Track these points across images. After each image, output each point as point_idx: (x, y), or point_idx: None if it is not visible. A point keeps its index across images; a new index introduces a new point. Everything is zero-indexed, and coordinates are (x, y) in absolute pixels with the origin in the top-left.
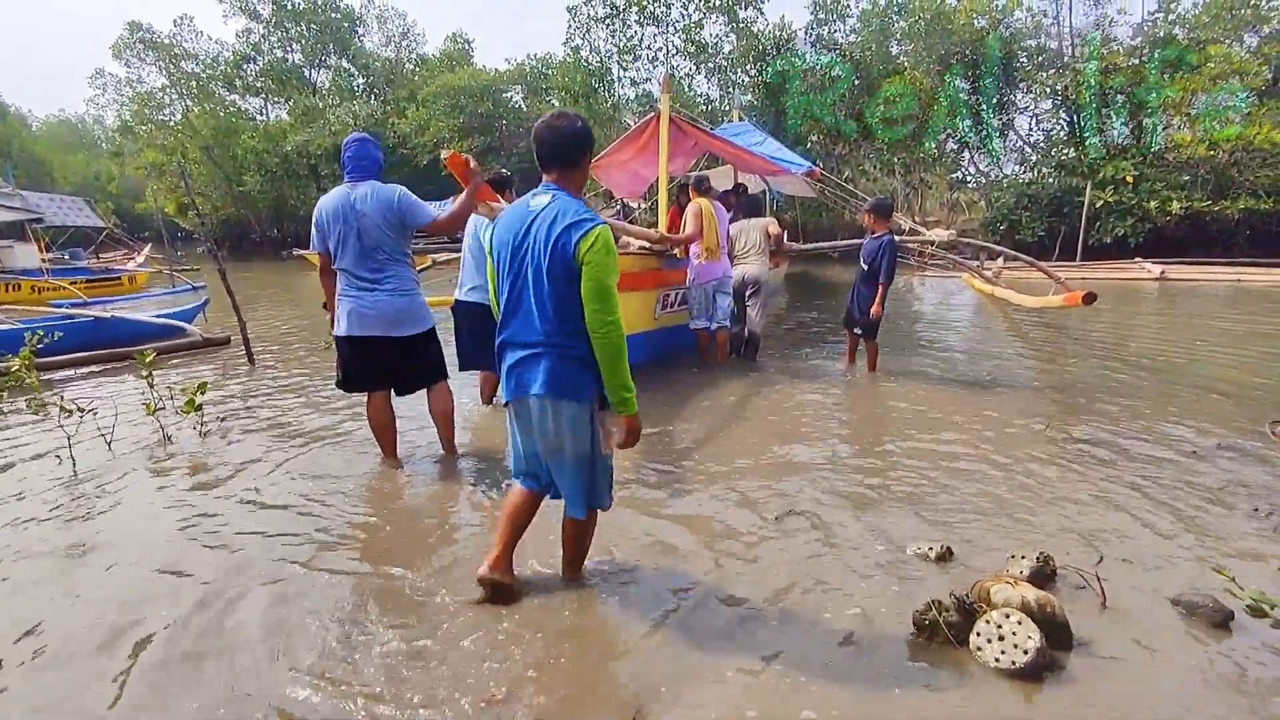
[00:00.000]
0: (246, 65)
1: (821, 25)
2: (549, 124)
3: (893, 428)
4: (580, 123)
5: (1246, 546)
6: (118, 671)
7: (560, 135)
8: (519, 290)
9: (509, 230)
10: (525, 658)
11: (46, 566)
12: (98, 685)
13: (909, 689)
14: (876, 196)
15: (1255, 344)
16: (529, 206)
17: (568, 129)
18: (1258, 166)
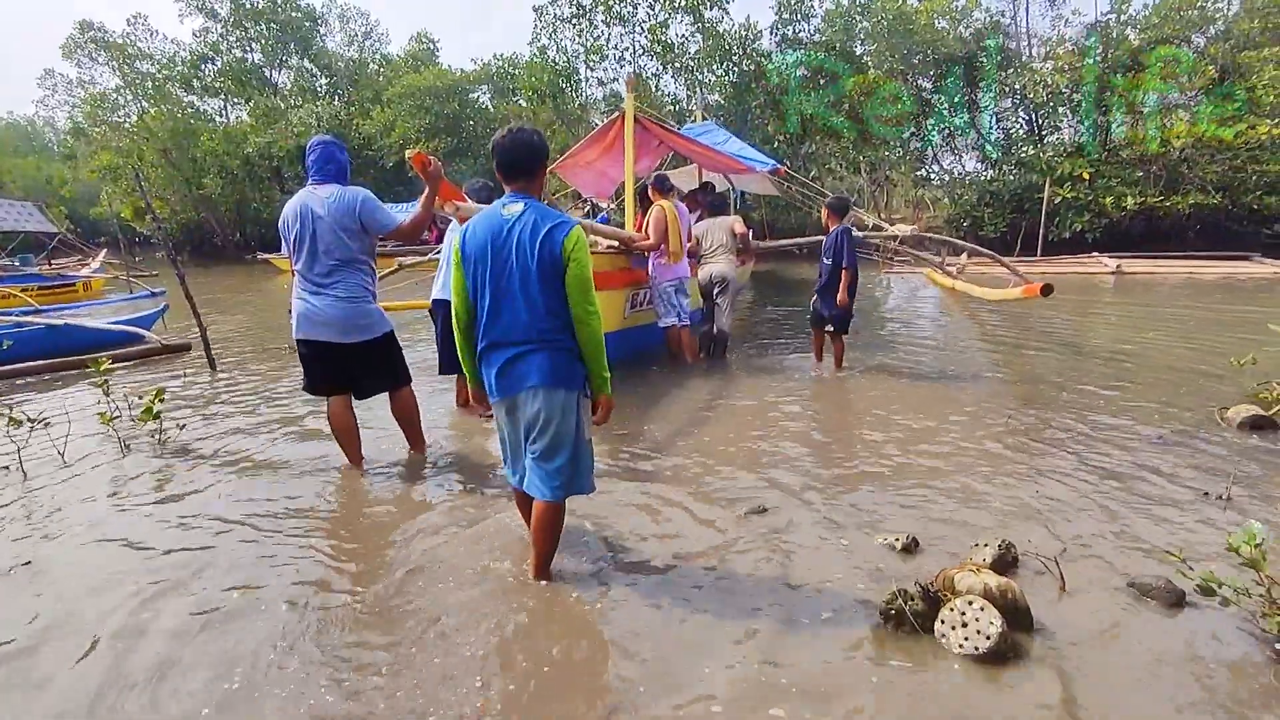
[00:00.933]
0: (204, 65)
1: (786, 25)
2: (510, 137)
3: (859, 422)
4: (537, 135)
5: (1198, 528)
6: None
7: (522, 147)
8: (503, 294)
9: (485, 237)
10: (495, 658)
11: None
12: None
13: (876, 678)
14: (835, 194)
15: (1205, 334)
16: (502, 215)
17: (528, 141)
18: (1206, 162)
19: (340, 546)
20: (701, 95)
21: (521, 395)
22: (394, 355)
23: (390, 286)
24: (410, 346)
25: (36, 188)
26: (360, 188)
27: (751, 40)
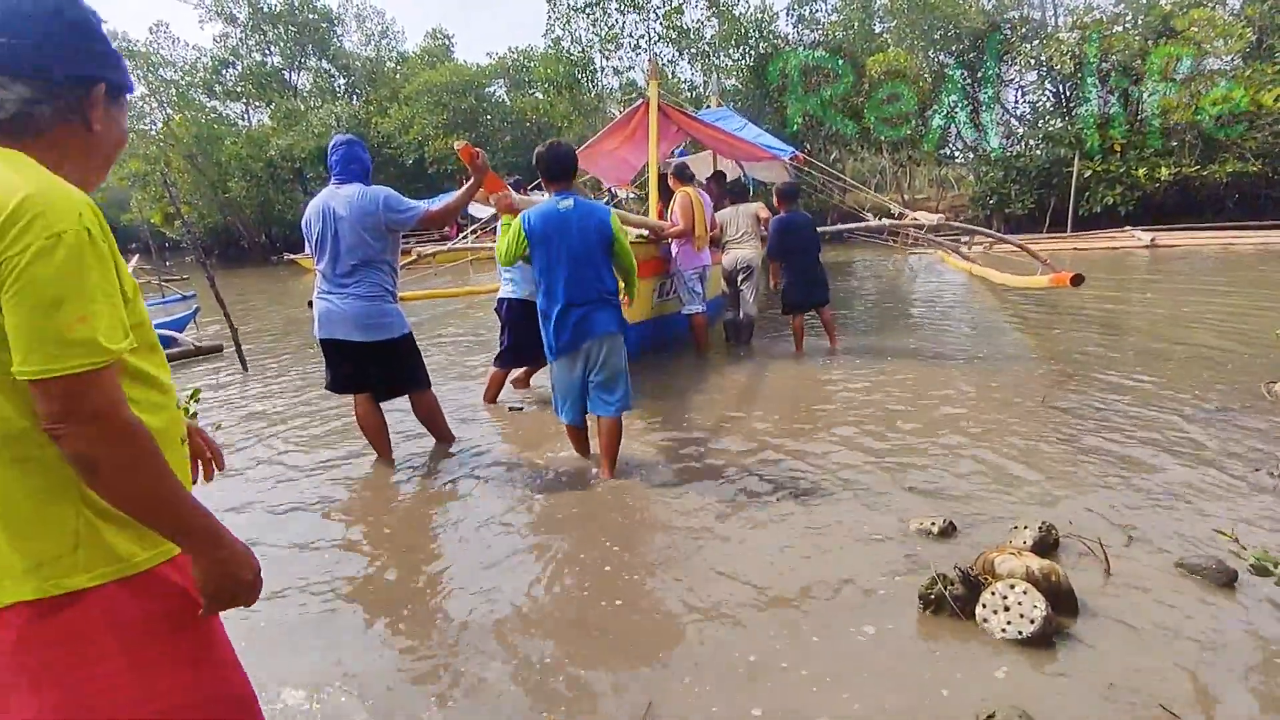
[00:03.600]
0: (225, 70)
1: (802, 5)
2: (551, 150)
3: (889, 405)
4: (568, 146)
5: (1249, 507)
6: None
7: (563, 157)
8: (572, 267)
9: (549, 225)
10: (529, 655)
11: None
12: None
13: (917, 665)
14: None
15: (1245, 306)
16: (559, 209)
17: (567, 152)
18: (1244, 129)
19: (380, 534)
20: (718, 80)
21: (593, 341)
22: (413, 358)
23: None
24: (437, 345)
25: None
26: (382, 186)
27: (767, 23)
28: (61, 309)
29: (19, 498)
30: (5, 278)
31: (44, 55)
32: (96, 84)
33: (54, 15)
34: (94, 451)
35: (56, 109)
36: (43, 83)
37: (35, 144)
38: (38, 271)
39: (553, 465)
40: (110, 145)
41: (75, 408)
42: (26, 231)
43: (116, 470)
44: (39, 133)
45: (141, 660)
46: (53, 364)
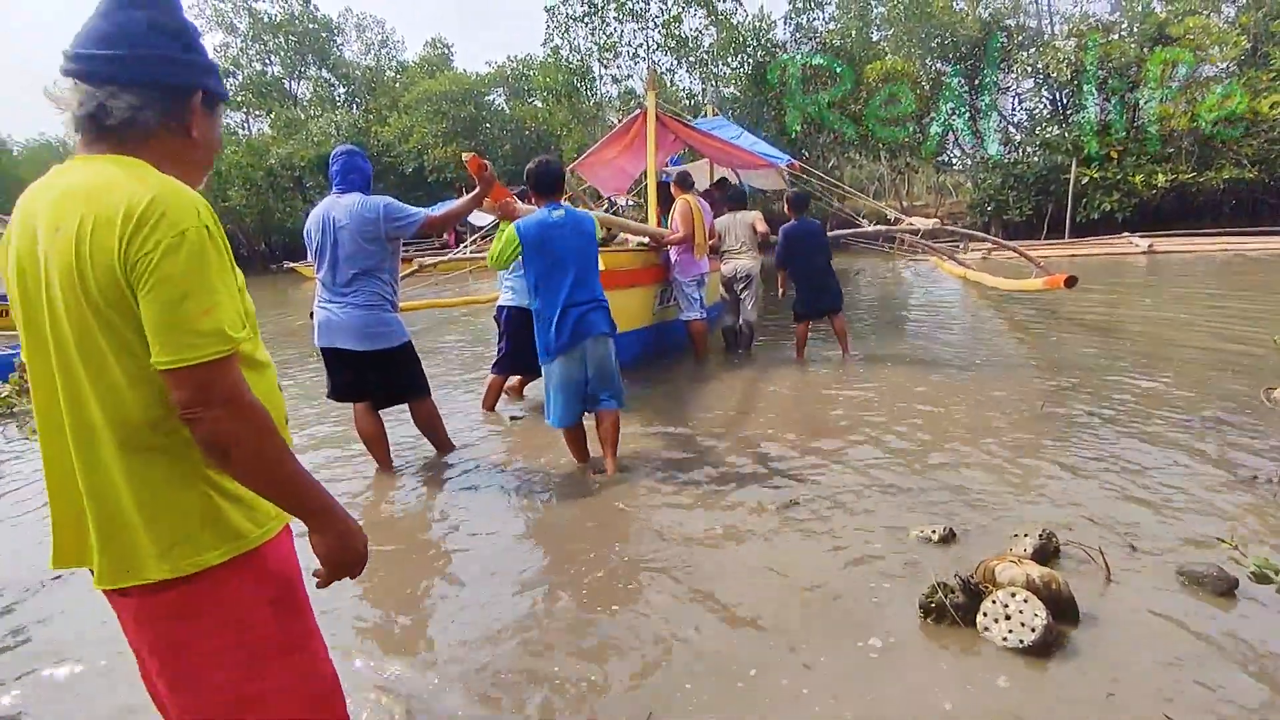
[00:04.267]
0: (226, 79)
1: (800, 14)
2: (542, 167)
3: (887, 411)
4: (556, 162)
5: (1249, 514)
6: None
7: (552, 173)
8: (568, 271)
9: (545, 234)
10: (530, 664)
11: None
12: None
13: (918, 673)
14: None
15: (1242, 312)
16: (551, 218)
17: (554, 168)
18: (1241, 136)
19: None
20: (716, 88)
21: (590, 340)
22: (412, 366)
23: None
24: (436, 353)
25: None
26: (382, 195)
27: (765, 31)
28: (188, 302)
29: (151, 484)
30: (141, 275)
31: (148, 67)
32: (195, 93)
33: (158, 30)
34: (225, 433)
35: (159, 115)
36: (147, 92)
37: (140, 148)
38: (167, 268)
39: (552, 474)
40: (207, 149)
41: (207, 394)
42: (155, 230)
43: (246, 450)
44: (144, 138)
45: (249, 640)
46: (185, 354)
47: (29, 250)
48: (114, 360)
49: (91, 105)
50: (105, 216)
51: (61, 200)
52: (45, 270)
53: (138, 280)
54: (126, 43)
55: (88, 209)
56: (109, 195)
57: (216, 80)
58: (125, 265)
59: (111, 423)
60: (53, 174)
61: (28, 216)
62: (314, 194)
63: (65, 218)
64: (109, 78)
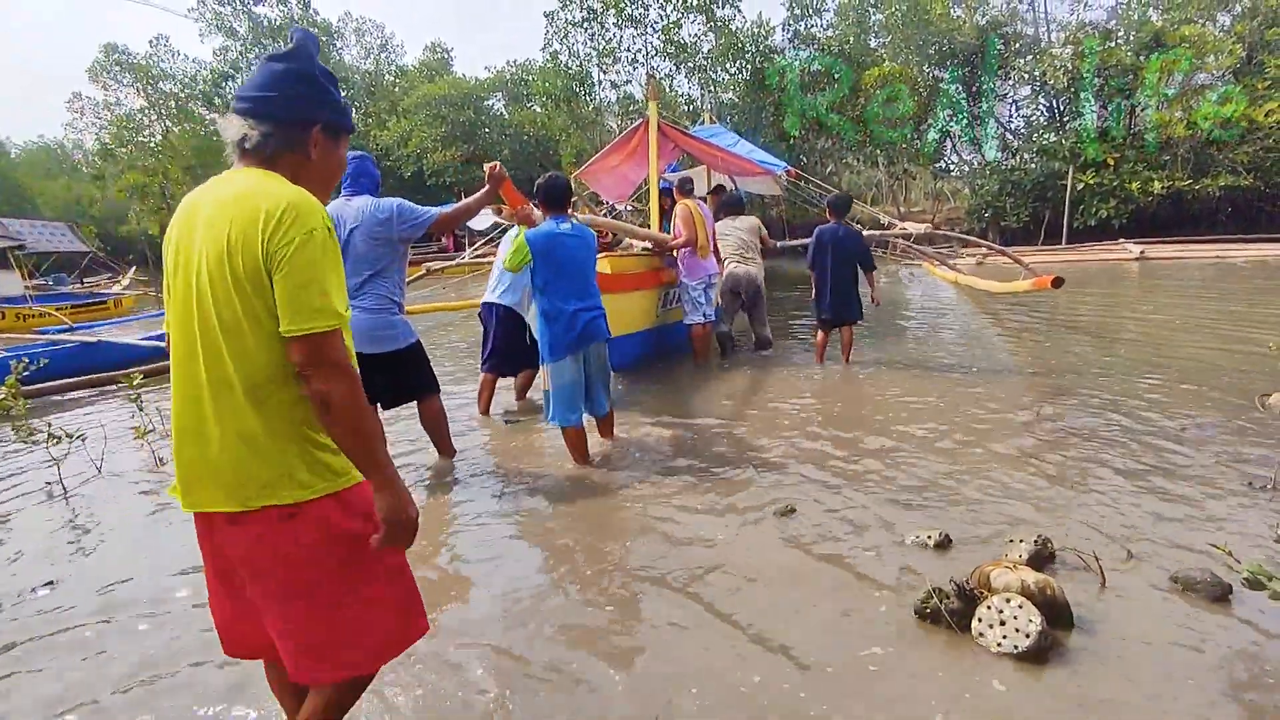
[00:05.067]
0: (225, 83)
1: (798, 21)
2: (551, 181)
3: (884, 418)
4: (564, 178)
5: (1243, 521)
6: None
7: (560, 187)
8: (576, 278)
9: (553, 243)
10: (533, 670)
11: (31, 602)
12: None
13: (912, 678)
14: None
15: (1237, 319)
16: (559, 229)
17: (563, 184)
18: (1236, 143)
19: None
20: (715, 94)
21: (595, 345)
22: (421, 365)
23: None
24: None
25: (67, 208)
26: (394, 197)
27: (764, 37)
28: (312, 286)
29: (263, 428)
30: (277, 261)
31: (279, 105)
32: (314, 125)
33: (291, 78)
34: (330, 389)
35: (284, 142)
36: (274, 123)
37: (274, 165)
38: (298, 258)
39: (552, 478)
40: (325, 169)
41: (320, 357)
42: (290, 228)
43: (343, 405)
44: (274, 158)
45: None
46: (306, 325)
47: (187, 240)
48: (248, 328)
49: (239, 133)
50: (252, 216)
51: (219, 202)
52: (200, 256)
53: (274, 266)
54: (264, 88)
55: (238, 210)
56: (254, 200)
57: (338, 115)
58: (265, 254)
59: (241, 378)
60: (213, 182)
61: (190, 213)
62: None
63: (221, 216)
64: (251, 113)
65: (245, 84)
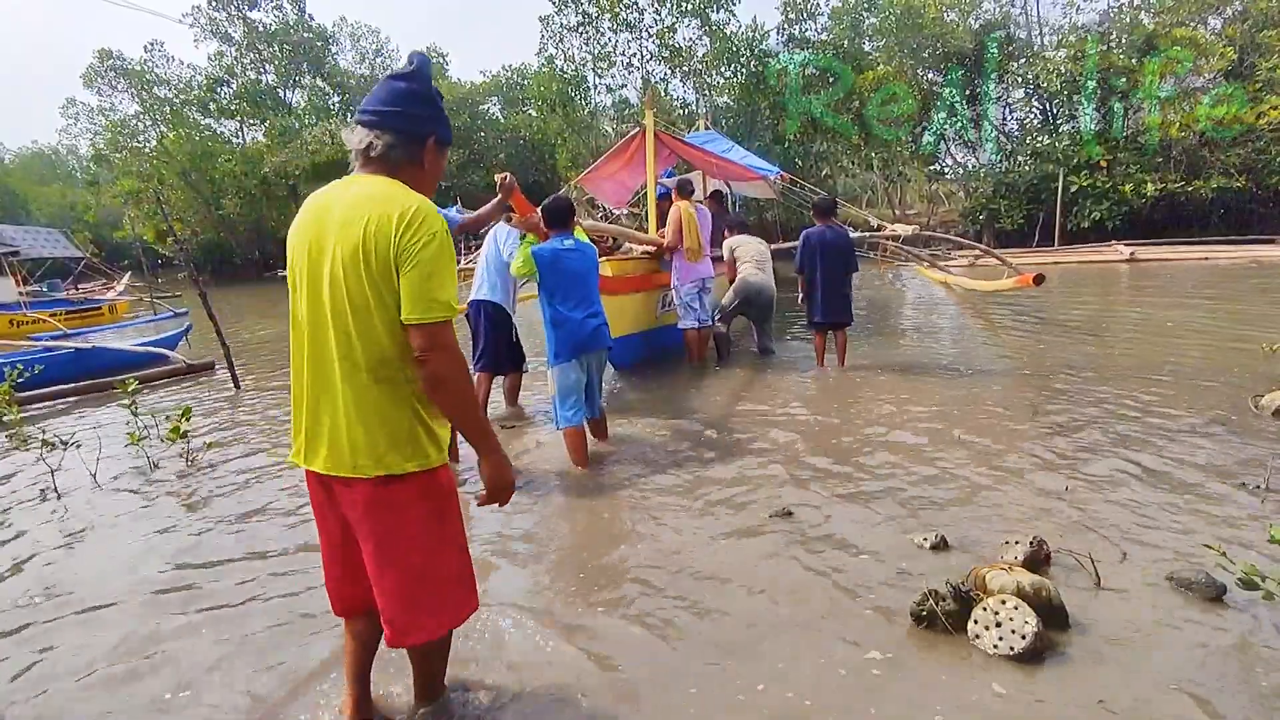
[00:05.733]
0: (220, 88)
1: (793, 25)
2: (554, 203)
3: (881, 419)
4: (567, 199)
5: (1237, 520)
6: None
7: (563, 208)
8: (581, 289)
9: (557, 258)
10: (539, 672)
11: (26, 609)
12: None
13: (908, 681)
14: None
15: (1229, 320)
16: (562, 245)
17: (566, 204)
18: (1228, 145)
19: None
20: (710, 98)
21: (601, 351)
22: None
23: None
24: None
25: (61, 214)
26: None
27: (758, 41)
28: (432, 280)
29: (378, 405)
30: (406, 258)
31: (402, 119)
32: (429, 137)
33: (412, 97)
34: (443, 371)
35: (404, 153)
36: (397, 136)
37: (395, 172)
38: (422, 256)
39: (549, 479)
40: (434, 177)
41: (436, 341)
42: (419, 230)
43: (454, 385)
44: (395, 166)
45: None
46: (426, 314)
47: (319, 235)
48: (377, 315)
49: (364, 142)
50: (385, 216)
51: (353, 203)
52: (334, 250)
53: (402, 261)
54: (389, 104)
55: (372, 211)
56: (388, 203)
57: (446, 129)
58: (396, 250)
59: (366, 358)
60: (339, 185)
61: (322, 212)
62: None
63: (356, 215)
64: (376, 125)
65: (370, 98)
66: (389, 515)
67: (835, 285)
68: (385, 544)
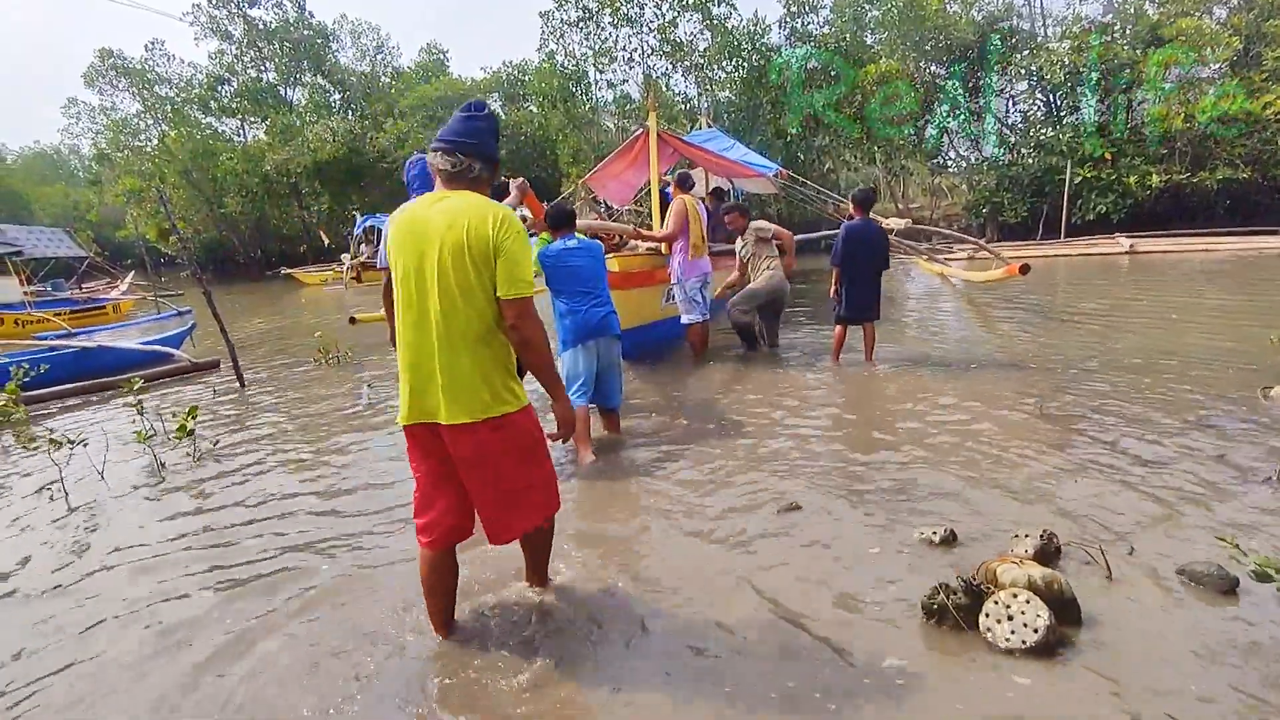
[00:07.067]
0: (221, 87)
1: (795, 18)
2: (556, 208)
3: (888, 413)
4: (570, 205)
5: (1248, 513)
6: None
7: (565, 212)
8: (586, 281)
9: (564, 256)
10: (555, 671)
11: (38, 604)
12: None
13: (920, 674)
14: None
15: (1236, 311)
16: (566, 246)
17: (568, 209)
18: (1234, 137)
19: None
20: (712, 92)
21: (606, 339)
22: None
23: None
24: None
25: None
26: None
27: (760, 35)
28: (519, 266)
29: (484, 364)
30: (501, 249)
31: (483, 148)
32: (497, 160)
33: (487, 130)
34: (530, 335)
35: (484, 172)
36: (480, 160)
37: (474, 187)
38: (511, 248)
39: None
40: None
41: (524, 310)
42: (509, 229)
43: (538, 343)
44: (476, 183)
45: (531, 450)
46: (516, 291)
47: (423, 236)
48: (479, 293)
49: (459, 166)
50: (483, 218)
51: (452, 211)
52: (440, 245)
53: (498, 252)
54: (470, 136)
55: (471, 215)
56: (483, 209)
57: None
58: (494, 244)
59: (469, 328)
60: (429, 198)
61: (424, 219)
62: (311, 200)
63: (458, 218)
64: (469, 152)
65: (450, 131)
66: (496, 447)
67: (868, 280)
68: (494, 472)
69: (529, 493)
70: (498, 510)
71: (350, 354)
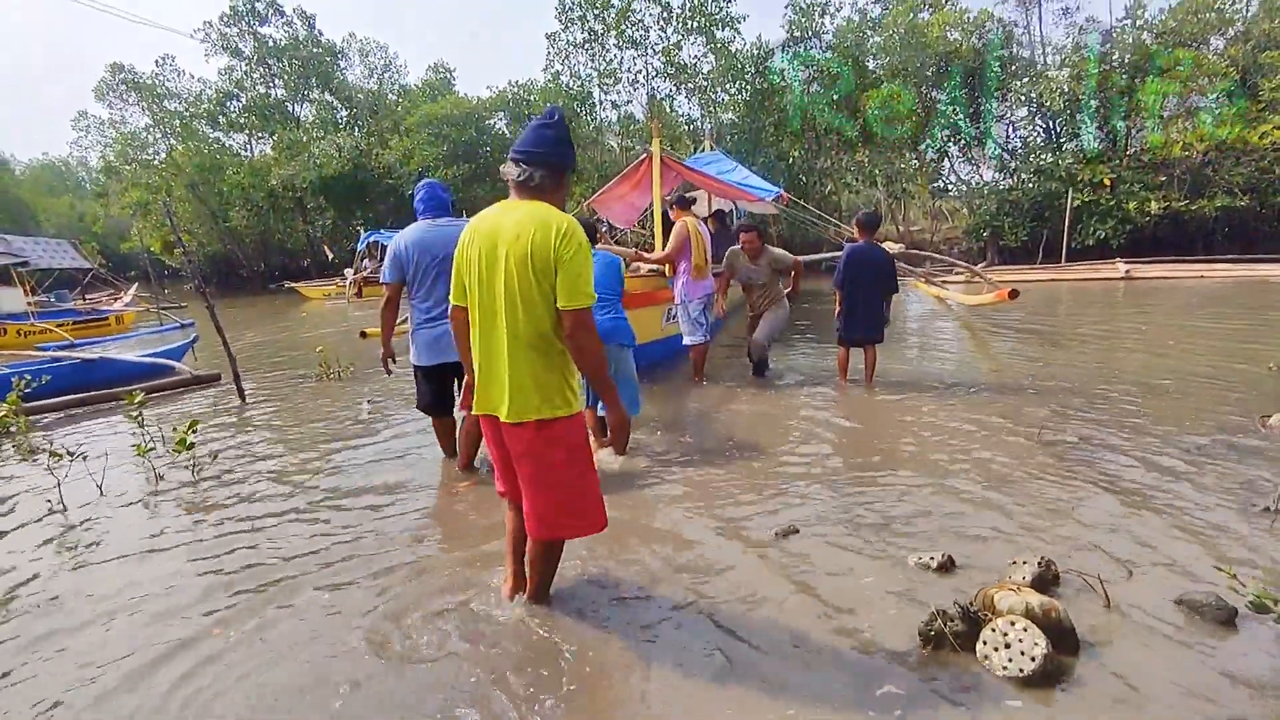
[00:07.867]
0: (229, 102)
1: (797, 43)
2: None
3: (887, 438)
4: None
5: (1247, 543)
6: None
7: (588, 228)
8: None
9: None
10: (562, 687)
11: (33, 618)
12: None
13: (917, 704)
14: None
15: (1232, 338)
16: None
17: (591, 224)
18: (1232, 165)
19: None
20: (715, 114)
21: (615, 346)
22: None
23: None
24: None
25: (69, 225)
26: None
27: (763, 59)
28: (580, 278)
29: (538, 368)
30: (562, 261)
31: (550, 158)
32: (567, 169)
33: (558, 140)
34: (585, 343)
35: (553, 182)
36: (547, 169)
37: (544, 197)
38: (572, 261)
39: None
40: (565, 195)
41: (582, 321)
42: (570, 241)
43: (594, 351)
44: (544, 193)
45: (579, 454)
46: (575, 302)
47: (492, 245)
48: (540, 302)
49: (522, 175)
50: (547, 230)
51: (519, 222)
52: (506, 254)
53: (559, 263)
54: (540, 145)
55: (536, 226)
56: (548, 220)
57: (574, 159)
58: (554, 255)
59: (529, 334)
60: (502, 207)
61: (494, 228)
62: (315, 215)
63: (525, 229)
64: (533, 161)
65: (524, 141)
66: (544, 448)
67: (871, 303)
68: (536, 473)
69: (579, 499)
70: (546, 509)
71: (351, 369)
